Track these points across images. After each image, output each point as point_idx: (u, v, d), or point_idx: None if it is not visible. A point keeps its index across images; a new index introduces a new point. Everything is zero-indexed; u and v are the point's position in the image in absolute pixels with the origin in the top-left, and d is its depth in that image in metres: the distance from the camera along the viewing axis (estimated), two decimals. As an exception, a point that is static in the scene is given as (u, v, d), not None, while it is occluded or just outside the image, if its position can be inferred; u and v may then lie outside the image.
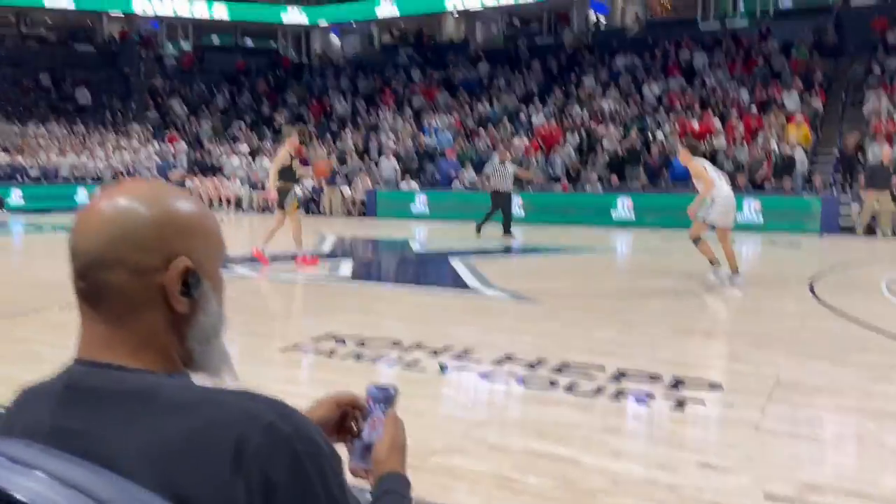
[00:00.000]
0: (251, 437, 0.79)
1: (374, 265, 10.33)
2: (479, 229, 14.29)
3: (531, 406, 3.87)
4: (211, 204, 20.86)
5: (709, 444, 3.28)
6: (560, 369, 4.47)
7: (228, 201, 21.39)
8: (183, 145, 24.96)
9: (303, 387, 4.30)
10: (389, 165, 20.36)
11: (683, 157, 8.02)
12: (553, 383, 4.19)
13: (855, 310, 6.48)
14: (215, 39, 34.80)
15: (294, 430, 0.82)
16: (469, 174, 19.28)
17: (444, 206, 18.47)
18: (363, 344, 5.09)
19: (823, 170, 16.75)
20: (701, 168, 7.84)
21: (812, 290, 7.62)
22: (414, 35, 33.17)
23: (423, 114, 23.77)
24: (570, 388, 4.09)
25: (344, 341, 5.17)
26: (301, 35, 35.30)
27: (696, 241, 7.88)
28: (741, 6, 27.58)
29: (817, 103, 18.88)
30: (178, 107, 28.24)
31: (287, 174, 9.16)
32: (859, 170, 15.46)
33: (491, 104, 23.47)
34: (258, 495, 0.78)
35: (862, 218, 14.19)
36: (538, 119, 21.36)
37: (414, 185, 19.69)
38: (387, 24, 34.69)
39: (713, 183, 7.74)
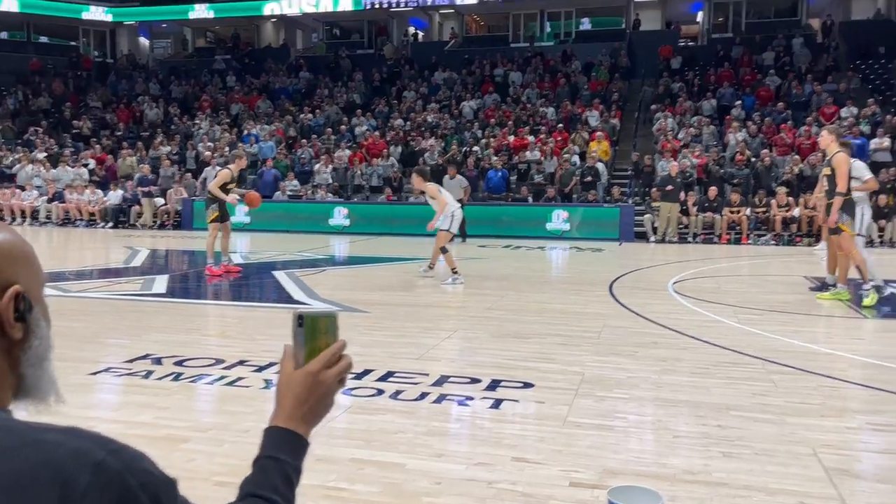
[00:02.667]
0: (79, 477, 0.77)
1: (191, 280, 9.90)
2: (464, 239, 15.08)
3: (358, 415, 3.95)
4: (2, 217, 18.83)
5: (523, 440, 3.54)
6: (386, 378, 4.59)
7: (24, 213, 19.41)
8: (-36, 151, 22.33)
9: (115, 412, 4.06)
10: (213, 175, 19.32)
11: (417, 183, 9.09)
12: (379, 392, 4.30)
13: (647, 309, 7.22)
14: (3, 34, 31.44)
15: (125, 466, 0.80)
16: (292, 184, 19.00)
17: (266, 217, 18.03)
18: (182, 364, 4.90)
19: (620, 182, 18.35)
20: (435, 190, 9.11)
21: (612, 292, 8.37)
22: (231, 39, 32.09)
23: (243, 122, 23.07)
24: (395, 396, 4.22)
25: (160, 362, 4.95)
26: (105, 34, 32.87)
27: (444, 249, 9.12)
28: (547, 27, 29.54)
29: (615, 121, 20.68)
30: (-43, 108, 25.25)
31: (223, 191, 9.70)
32: (652, 183, 17.14)
33: (314, 113, 23.29)
34: None
35: (660, 226, 15.75)
36: (361, 130, 21.52)
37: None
38: (201, 27, 33.27)
39: (446, 202, 9.08)
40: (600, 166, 17.78)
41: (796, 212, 15.34)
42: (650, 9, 28.47)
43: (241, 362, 4.94)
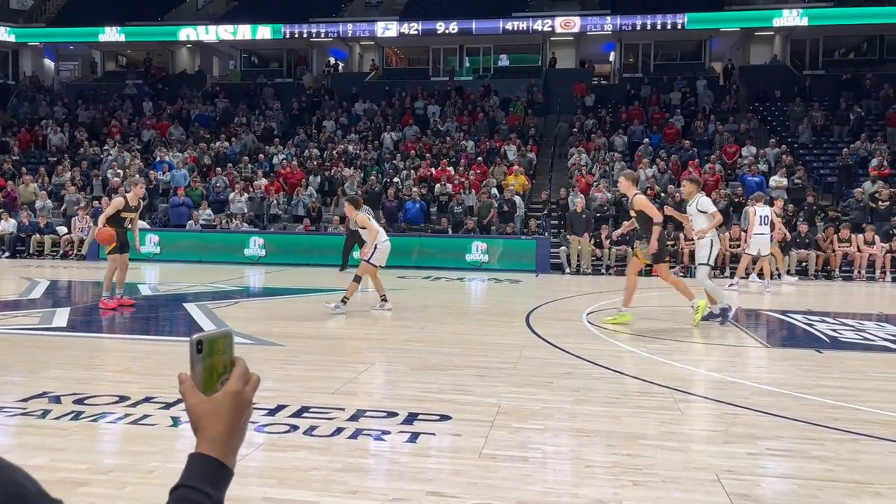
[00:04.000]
0: None
1: (94, 313, 9.45)
2: (343, 266, 15.40)
3: (270, 453, 3.84)
4: None
5: (439, 474, 3.52)
6: (300, 413, 4.49)
7: None
8: None
9: (6, 455, 3.80)
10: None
11: (348, 211, 9.18)
12: (293, 428, 4.20)
13: (562, 339, 7.36)
14: None
15: None
16: (206, 213, 18.52)
17: (178, 247, 17.50)
18: (82, 402, 4.66)
19: (536, 215, 18.77)
20: (365, 220, 9.28)
21: (528, 323, 8.50)
22: (143, 64, 31.25)
23: (154, 148, 22.41)
24: (309, 432, 4.13)
25: (59, 400, 4.69)
26: (8, 55, 31.41)
27: (358, 279, 9.25)
28: (466, 62, 30.16)
29: (531, 155, 21.20)
30: None
31: (116, 220, 9.34)
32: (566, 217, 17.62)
33: (230, 141, 22.87)
34: None
35: (572, 259, 16.16)
36: (279, 159, 21.26)
37: (143, 223, 18.38)
38: (112, 50, 32.28)
39: (377, 232, 9.22)
40: (518, 199, 18.15)
41: (702, 245, 16.04)
42: (565, 47, 29.51)
43: (147, 399, 4.73)
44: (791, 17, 25.18)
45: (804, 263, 15.67)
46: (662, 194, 18.00)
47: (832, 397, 5.18)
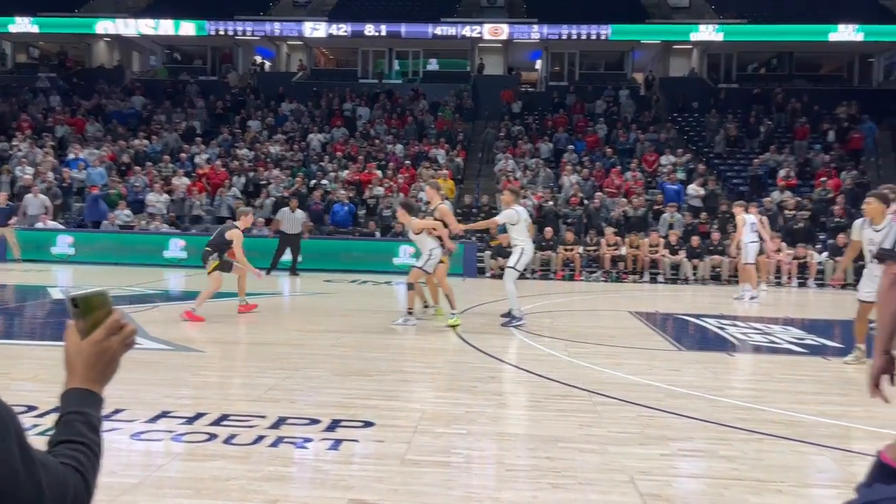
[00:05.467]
0: None
1: (1, 318, 8.99)
2: (270, 270, 14.89)
3: (188, 463, 3.75)
4: None
5: (361, 481, 3.52)
6: (220, 422, 4.40)
7: None
8: None
9: None
10: (37, 203, 17.48)
11: (403, 217, 9.10)
12: (212, 437, 4.12)
13: (486, 343, 7.46)
14: None
15: None
16: (124, 213, 17.88)
17: (93, 248, 16.83)
18: (-14, 412, 4.43)
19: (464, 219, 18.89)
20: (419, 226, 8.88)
21: (452, 327, 8.56)
22: (57, 57, 29.91)
23: (69, 145, 21.47)
24: (229, 440, 4.06)
25: (-40, 411, 4.44)
26: None
27: (411, 286, 8.93)
28: (396, 65, 30.15)
29: (459, 160, 21.37)
30: None
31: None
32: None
33: (150, 139, 22.16)
34: None
35: (493, 263, 16.34)
36: (202, 159, 20.73)
37: (55, 223, 17.58)
38: (23, 41, 30.77)
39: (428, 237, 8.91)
40: (447, 204, 18.23)
41: (623, 250, 16.53)
42: (493, 54, 29.89)
43: (57, 409, 4.54)
44: (707, 32, 26.26)
45: (717, 269, 16.34)
46: (585, 201, 18.45)
47: (741, 399, 5.44)
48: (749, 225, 12.74)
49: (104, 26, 27.64)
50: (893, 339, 2.27)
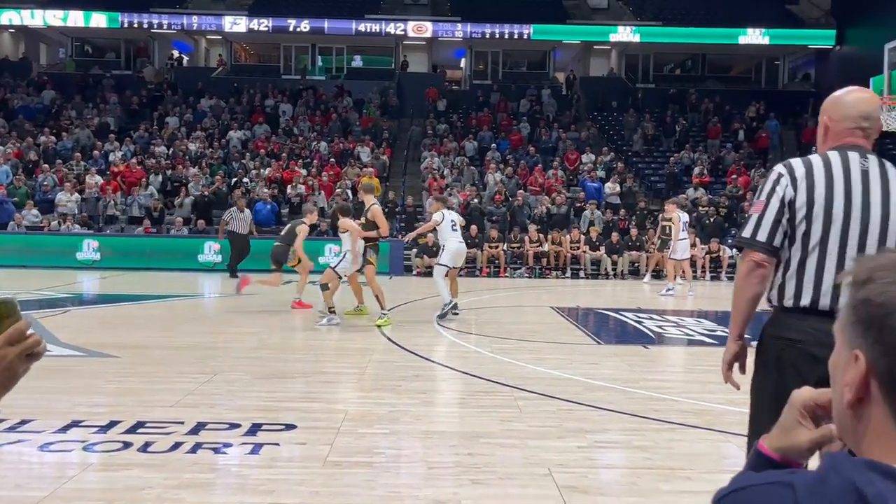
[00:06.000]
0: None
1: None
2: (233, 272, 14.58)
3: (101, 473, 3.63)
4: None
5: (281, 485, 3.49)
6: (135, 429, 4.28)
7: None
8: None
9: None
10: None
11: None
12: (126, 445, 4.00)
13: (412, 342, 7.49)
14: None
15: None
16: (31, 213, 17.05)
17: (-2, 251, 16.00)
18: None
19: (390, 217, 18.85)
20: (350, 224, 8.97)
21: (380, 327, 8.56)
22: (-44, 48, 28.24)
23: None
24: (144, 448, 3.95)
25: None
26: None
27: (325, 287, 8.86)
28: (319, 61, 29.79)
29: (385, 158, 21.30)
30: None
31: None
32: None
33: (59, 136, 21.18)
34: None
35: (420, 262, 16.41)
36: (117, 156, 19.96)
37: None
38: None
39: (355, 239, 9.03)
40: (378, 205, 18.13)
41: (546, 247, 16.86)
42: (418, 52, 29.91)
43: (-42, 422, 4.32)
44: (625, 34, 27.03)
45: (636, 264, 16.86)
46: (510, 198, 18.71)
47: (655, 390, 5.65)
48: (683, 223, 13.28)
49: (8, 17, 26.24)
50: (747, 324, 2.38)
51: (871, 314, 0.80)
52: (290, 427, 4.41)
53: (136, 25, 26.51)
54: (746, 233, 2.35)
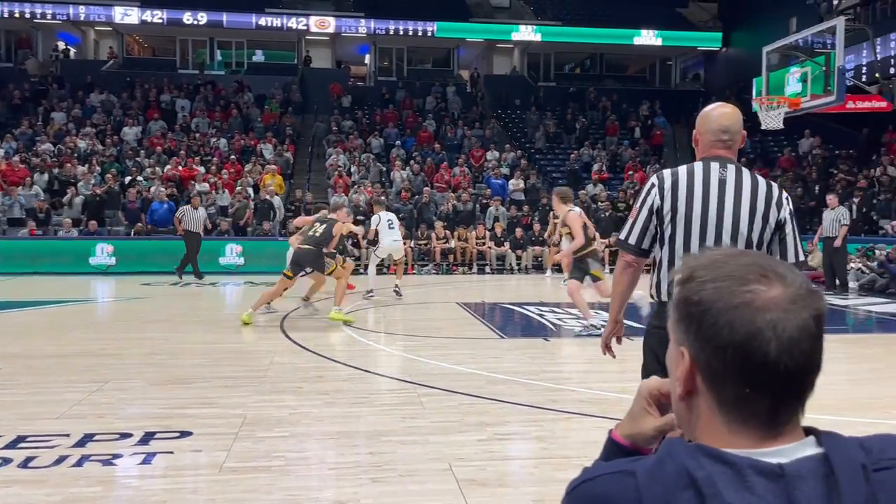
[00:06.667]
0: None
1: None
2: (197, 274, 14.48)
3: (-25, 494, 3.41)
4: None
5: (174, 494, 3.38)
6: (15, 444, 4.04)
7: None
8: None
9: None
10: None
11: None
12: (5, 461, 3.77)
13: (316, 342, 7.40)
14: None
15: None
16: None
17: None
18: None
19: (294, 216, 18.54)
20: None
21: (282, 328, 8.41)
22: None
23: None
24: (25, 464, 3.74)
25: None
26: None
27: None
28: (218, 56, 28.89)
29: (288, 154, 20.91)
30: None
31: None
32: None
33: (-69, 133, 19.68)
34: None
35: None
36: (-4, 154, 18.72)
37: None
38: None
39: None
40: (276, 200, 17.80)
41: (452, 243, 17.00)
42: (321, 47, 29.49)
43: None
44: (527, 33, 27.57)
45: (539, 259, 17.26)
46: (416, 196, 18.75)
47: (554, 381, 5.81)
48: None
49: None
50: (622, 310, 2.89)
51: (689, 312, 0.86)
52: (185, 434, 4.27)
53: (17, 15, 24.91)
54: (622, 235, 2.74)
